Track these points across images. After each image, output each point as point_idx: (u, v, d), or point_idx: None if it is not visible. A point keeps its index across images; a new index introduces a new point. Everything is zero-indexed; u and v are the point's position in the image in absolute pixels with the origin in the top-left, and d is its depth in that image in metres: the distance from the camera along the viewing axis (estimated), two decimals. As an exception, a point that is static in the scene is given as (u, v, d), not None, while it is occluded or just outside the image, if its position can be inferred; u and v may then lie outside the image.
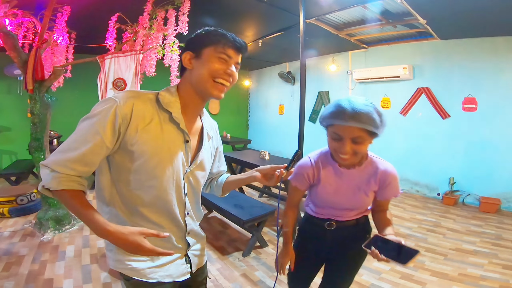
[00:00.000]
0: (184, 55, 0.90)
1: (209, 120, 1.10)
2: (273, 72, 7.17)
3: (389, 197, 1.20)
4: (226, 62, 0.90)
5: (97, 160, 0.82)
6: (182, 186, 0.95)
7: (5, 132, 5.42)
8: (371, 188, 1.17)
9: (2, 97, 5.22)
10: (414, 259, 0.92)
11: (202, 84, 0.89)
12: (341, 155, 1.07)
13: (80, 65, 3.57)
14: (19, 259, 2.43)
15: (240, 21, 3.91)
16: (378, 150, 4.30)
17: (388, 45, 4.83)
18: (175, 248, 0.99)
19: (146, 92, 0.90)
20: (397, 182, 1.18)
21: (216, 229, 3.20)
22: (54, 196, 0.81)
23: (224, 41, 0.88)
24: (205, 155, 1.02)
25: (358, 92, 5.35)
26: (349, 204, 1.21)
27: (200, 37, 0.90)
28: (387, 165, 1.18)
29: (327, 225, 1.25)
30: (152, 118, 0.87)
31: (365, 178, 1.17)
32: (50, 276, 2.19)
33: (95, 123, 0.80)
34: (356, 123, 0.97)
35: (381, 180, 1.16)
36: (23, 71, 2.98)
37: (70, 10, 2.92)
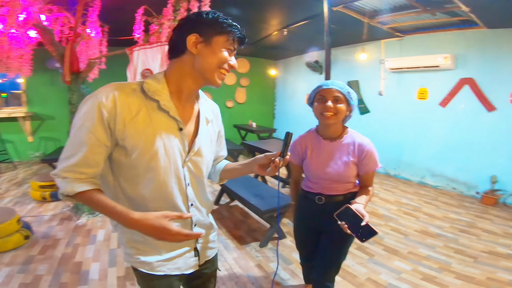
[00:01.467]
0: (190, 38, 0.83)
1: (207, 103, 1.05)
2: (300, 62, 6.99)
3: (368, 170, 1.37)
4: (231, 53, 0.89)
5: (100, 159, 0.82)
6: (182, 176, 0.92)
7: (49, 121, 5.91)
8: (350, 160, 1.36)
9: (45, 89, 5.67)
10: (370, 238, 1.13)
11: (208, 72, 0.86)
12: (325, 113, 1.30)
13: (114, 57, 3.74)
14: (55, 242, 2.63)
15: (264, 9, 3.82)
16: (415, 142, 4.13)
17: (426, 34, 4.47)
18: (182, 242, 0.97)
19: (130, 82, 0.86)
20: (374, 155, 1.36)
21: (237, 218, 3.25)
22: (76, 200, 0.82)
23: (234, 33, 0.86)
24: (203, 140, 0.98)
25: (392, 82, 5.06)
26: (334, 175, 1.37)
27: (210, 22, 0.84)
28: (364, 139, 1.38)
29: (317, 199, 1.44)
30: (139, 109, 0.83)
31: (345, 150, 1.37)
32: (80, 259, 2.35)
33: (84, 124, 0.79)
34: (335, 86, 1.31)
35: (359, 152, 1.35)
36: (61, 64, 3.20)
37: (100, 4, 3.04)
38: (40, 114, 5.83)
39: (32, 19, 2.78)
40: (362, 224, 1.13)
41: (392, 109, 5.11)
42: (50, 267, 2.23)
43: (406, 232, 2.92)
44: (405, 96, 4.87)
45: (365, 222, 1.13)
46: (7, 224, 2.45)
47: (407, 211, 3.53)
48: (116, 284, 2.02)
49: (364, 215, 1.17)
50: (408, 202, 3.84)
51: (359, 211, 1.18)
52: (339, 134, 1.40)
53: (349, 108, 1.35)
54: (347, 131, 1.41)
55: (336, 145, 1.39)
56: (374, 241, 2.72)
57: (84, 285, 2.00)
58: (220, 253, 2.48)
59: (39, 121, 5.87)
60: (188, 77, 0.89)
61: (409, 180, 4.89)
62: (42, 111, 5.83)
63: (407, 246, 2.64)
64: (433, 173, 4.54)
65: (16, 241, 2.49)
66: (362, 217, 1.16)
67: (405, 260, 2.39)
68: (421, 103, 4.68)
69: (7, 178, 4.75)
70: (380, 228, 3.00)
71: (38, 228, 2.88)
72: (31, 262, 2.27)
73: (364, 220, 1.15)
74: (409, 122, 4.86)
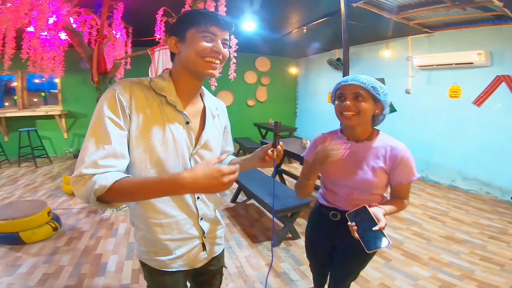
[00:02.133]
0: (169, 41, 0.90)
1: (212, 99, 1.09)
2: (322, 59, 6.83)
3: (402, 180, 1.13)
4: (211, 40, 0.88)
5: (125, 150, 0.81)
6: (189, 168, 0.93)
7: (82, 118, 6.30)
8: (379, 165, 1.13)
9: (79, 88, 6.03)
10: (378, 249, 0.93)
11: (192, 64, 0.88)
12: (345, 113, 1.11)
13: (138, 57, 3.90)
14: (80, 234, 2.78)
15: (283, 7, 3.77)
16: (445, 143, 3.89)
17: (457, 30, 4.19)
18: (189, 235, 0.99)
19: (142, 79, 0.92)
20: (410, 162, 1.12)
21: (252, 216, 3.25)
22: (109, 198, 0.72)
23: (205, 20, 0.86)
24: (210, 134, 1.00)
25: (420, 80, 4.80)
26: (357, 182, 1.15)
27: (181, 21, 0.89)
28: (399, 143, 1.15)
29: (332, 215, 1.24)
30: (152, 103, 0.88)
31: (373, 154, 1.15)
32: (101, 251, 2.47)
33: (105, 114, 0.78)
34: (355, 81, 1.09)
35: (391, 159, 1.12)
36: (89, 65, 3.38)
37: (124, 6, 3.17)
38: (74, 112, 6.23)
39: (61, 21, 2.97)
40: (374, 228, 0.95)
41: (420, 108, 4.85)
42: (73, 258, 2.36)
43: (430, 237, 2.76)
44: (436, 95, 4.60)
45: (377, 227, 0.95)
46: (38, 216, 2.62)
47: (433, 215, 3.33)
48: (130, 277, 2.10)
49: (380, 219, 0.99)
50: (435, 206, 3.62)
51: (376, 214, 1.00)
52: (367, 136, 1.18)
53: (378, 106, 1.12)
54: (378, 133, 1.19)
55: (363, 147, 1.17)
56: (393, 246, 2.60)
57: (101, 277, 2.10)
58: (232, 251, 2.50)
59: (73, 118, 6.28)
60: (182, 75, 0.93)
61: (438, 183, 4.62)
62: (76, 109, 6.22)
63: (429, 251, 2.49)
64: (465, 176, 4.24)
65: (45, 233, 2.65)
66: (377, 222, 0.98)
67: (425, 266, 2.26)
68: (453, 101, 4.39)
69: (43, 172, 5.12)
70: (401, 232, 2.86)
71: (66, 220, 3.07)
72: (56, 253, 2.42)
73: (378, 224, 0.97)
74: (439, 122, 4.58)
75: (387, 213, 1.07)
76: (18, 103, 5.97)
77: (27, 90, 6.13)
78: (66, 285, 1.99)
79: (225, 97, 7.18)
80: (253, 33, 4.65)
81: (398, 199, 1.16)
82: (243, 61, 7.10)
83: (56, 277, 2.09)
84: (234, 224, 3.04)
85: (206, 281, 1.20)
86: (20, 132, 5.38)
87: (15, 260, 2.28)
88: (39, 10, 2.55)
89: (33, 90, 7.15)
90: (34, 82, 6.61)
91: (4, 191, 4.01)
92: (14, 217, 2.51)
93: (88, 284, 2.01)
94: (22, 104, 6.00)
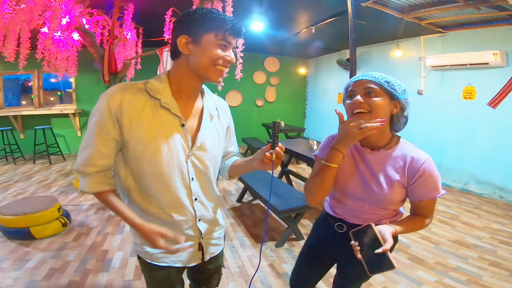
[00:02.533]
0: (179, 40, 0.85)
1: (213, 99, 1.06)
2: (331, 60, 6.78)
3: (423, 196, 0.96)
4: (225, 48, 0.87)
5: (112, 151, 0.89)
6: (185, 170, 0.94)
7: (94, 117, 6.46)
8: (396, 178, 0.97)
9: (93, 87, 6.19)
10: (382, 272, 0.85)
11: (203, 70, 0.87)
12: (355, 111, 0.95)
13: (148, 57, 3.97)
14: (89, 230, 2.84)
15: (291, 7, 3.75)
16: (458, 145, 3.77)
17: (472, 29, 4.07)
18: (186, 236, 1.00)
19: (136, 82, 0.91)
20: (434, 177, 0.95)
21: (257, 216, 3.26)
22: (94, 196, 0.92)
23: (225, 27, 0.84)
24: (206, 136, 0.98)
25: (433, 80, 4.68)
26: (366, 194, 1.01)
27: (197, 20, 0.84)
28: (422, 154, 0.97)
29: (337, 227, 1.12)
30: (144, 106, 0.88)
31: (391, 164, 0.98)
32: (107, 247, 2.52)
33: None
34: (366, 77, 0.96)
35: (410, 171, 0.95)
36: (101, 65, 3.47)
37: (134, 7, 3.23)
38: (87, 111, 6.40)
39: (74, 22, 3.06)
40: (377, 251, 0.84)
41: (433, 109, 4.73)
42: (80, 254, 2.41)
43: (438, 241, 2.69)
44: (449, 96, 4.48)
45: (381, 250, 0.83)
46: (49, 212, 2.70)
47: (443, 219, 3.25)
48: (133, 273, 2.13)
49: (386, 240, 0.86)
50: (445, 210, 3.53)
51: (382, 234, 0.87)
52: (385, 143, 1.01)
53: (396, 105, 0.96)
54: (398, 141, 1.02)
55: (379, 156, 1.01)
56: (398, 249, 2.55)
57: (105, 272, 2.14)
58: (235, 250, 2.51)
59: (86, 117, 6.44)
60: (186, 77, 0.91)
61: (449, 187, 4.49)
62: (89, 108, 6.38)
63: (436, 256, 2.43)
64: (478, 180, 4.11)
65: (55, 228, 2.72)
66: (382, 243, 0.85)
67: (430, 270, 2.21)
68: (467, 103, 4.26)
69: (56, 169, 5.28)
70: (408, 236, 2.80)
71: (76, 216, 3.15)
72: (64, 249, 2.49)
73: (382, 247, 0.84)
74: (452, 123, 4.46)
75: (397, 233, 0.94)
76: (35, 102, 6.18)
77: (44, 89, 6.34)
78: (70, 280, 2.04)
79: (234, 97, 7.21)
80: (262, 33, 4.65)
81: (417, 216, 1.01)
82: (252, 61, 7.15)
83: (62, 272, 2.14)
84: (238, 224, 3.05)
85: (204, 280, 1.20)
86: (35, 130, 5.56)
87: (24, 255, 2.36)
88: (51, 11, 2.63)
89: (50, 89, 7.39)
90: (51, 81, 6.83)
91: (18, 187, 4.16)
92: (26, 213, 2.59)
93: (92, 280, 2.05)
94: (38, 103, 6.20)
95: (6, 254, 2.35)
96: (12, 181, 4.44)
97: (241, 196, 3.71)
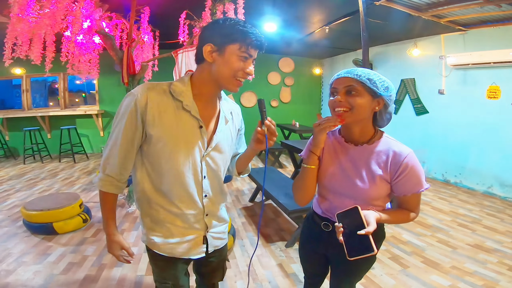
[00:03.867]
0: (205, 47, 0.90)
1: (228, 104, 1.12)
2: (347, 60, 6.66)
3: (406, 191, 0.97)
4: (246, 61, 0.92)
5: (133, 154, 0.97)
6: (199, 169, 1.00)
7: (115, 118, 6.72)
8: (378, 173, 0.98)
9: (113, 89, 6.43)
10: (362, 257, 0.82)
11: (223, 80, 0.93)
12: (336, 109, 0.97)
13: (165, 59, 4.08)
14: (107, 227, 2.98)
15: (303, 7, 3.73)
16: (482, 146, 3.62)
17: (494, 27, 3.89)
18: (193, 229, 1.06)
19: (161, 83, 0.97)
20: (416, 171, 0.95)
21: (268, 216, 3.27)
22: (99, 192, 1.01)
23: (249, 40, 0.89)
24: (221, 137, 1.05)
25: (455, 79, 4.51)
26: (350, 191, 1.02)
27: (223, 31, 0.89)
28: (404, 148, 0.98)
29: (323, 226, 1.13)
30: (167, 107, 0.94)
31: (374, 159, 1.00)
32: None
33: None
34: (349, 74, 0.96)
35: (393, 166, 0.96)
36: (120, 67, 3.61)
37: (150, 11, 3.34)
38: (109, 112, 6.66)
39: (95, 26, 3.20)
40: (359, 232, 0.84)
41: (455, 109, 4.55)
42: (97, 249, 2.52)
43: (455, 245, 2.59)
44: (472, 95, 4.29)
45: (364, 232, 0.83)
46: (71, 208, 2.84)
47: (463, 222, 3.11)
48: (145, 268, 2.21)
49: (370, 224, 0.86)
50: (466, 213, 3.38)
51: (367, 217, 0.88)
52: (367, 138, 1.03)
53: (379, 102, 0.97)
54: (381, 136, 1.04)
55: (362, 151, 1.02)
56: (412, 252, 2.47)
57: (119, 267, 2.23)
58: (245, 249, 2.53)
59: (108, 118, 6.71)
60: (208, 83, 0.97)
61: (472, 190, 4.30)
62: (111, 109, 6.64)
63: (452, 260, 2.34)
64: (503, 183, 3.91)
65: (76, 224, 2.86)
66: (365, 226, 0.86)
67: (445, 275, 2.13)
68: (491, 102, 4.07)
69: (80, 167, 5.54)
70: (424, 239, 2.71)
71: (96, 213, 3.27)
72: (83, 244, 2.60)
73: (365, 229, 0.84)
74: (475, 124, 4.26)
75: (382, 220, 0.94)
76: (61, 103, 6.51)
77: (69, 90, 6.66)
78: (87, 274, 2.14)
79: (248, 98, 7.25)
80: (275, 34, 4.66)
81: (403, 210, 1.03)
82: (266, 62, 7.16)
83: (80, 266, 2.25)
84: (249, 223, 3.08)
85: (209, 273, 1.25)
86: (61, 130, 5.87)
87: (46, 249, 2.49)
88: (73, 15, 2.77)
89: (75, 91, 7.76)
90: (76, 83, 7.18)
91: (44, 184, 4.40)
92: (49, 208, 2.74)
93: (106, 274, 2.14)
94: (64, 104, 6.52)
95: (29, 248, 2.49)
96: (39, 179, 4.71)
97: (254, 196, 3.74)
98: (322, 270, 1.30)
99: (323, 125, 0.97)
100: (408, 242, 2.67)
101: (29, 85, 6.33)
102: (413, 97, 5.19)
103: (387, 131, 1.09)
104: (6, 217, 3.15)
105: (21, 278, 2.06)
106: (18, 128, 6.14)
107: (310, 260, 1.30)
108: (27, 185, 4.33)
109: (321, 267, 1.29)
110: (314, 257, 1.26)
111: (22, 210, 2.77)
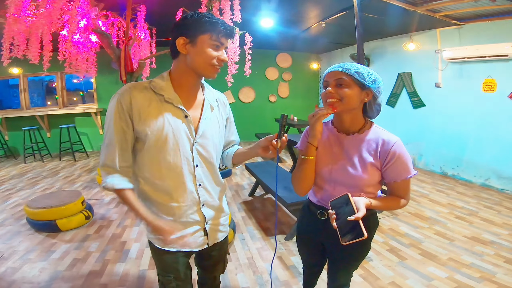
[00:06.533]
0: (178, 41, 0.95)
1: (212, 93, 1.16)
2: (344, 54, 6.68)
3: (396, 178, 1.04)
4: (218, 49, 0.97)
5: (129, 149, 1.01)
6: (190, 157, 1.04)
7: (114, 116, 6.73)
8: (370, 161, 1.05)
9: (112, 87, 6.43)
10: (354, 242, 0.88)
11: (200, 69, 0.98)
12: (328, 100, 1.04)
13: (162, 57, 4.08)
14: (109, 223, 3.00)
15: (299, 3, 3.73)
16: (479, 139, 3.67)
17: (489, 21, 3.91)
18: (192, 221, 1.09)
19: (142, 82, 1.03)
20: (404, 158, 1.03)
21: (268, 210, 3.31)
22: (115, 193, 1.00)
23: (218, 29, 0.94)
24: (207, 125, 1.08)
25: (451, 73, 4.53)
26: (343, 178, 1.08)
27: (194, 23, 0.94)
28: (392, 136, 1.05)
29: (319, 214, 1.18)
30: (150, 102, 0.99)
31: (365, 147, 1.07)
32: (125, 239, 2.66)
33: (113, 118, 0.96)
34: (338, 68, 1.02)
35: (382, 153, 1.03)
36: (118, 65, 3.61)
37: (146, 8, 3.34)
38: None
39: (91, 25, 3.20)
40: (349, 218, 0.90)
41: (451, 102, 4.58)
42: (100, 245, 2.56)
43: (453, 237, 2.63)
44: (468, 88, 4.32)
45: (353, 217, 0.89)
46: (73, 205, 2.87)
47: (460, 215, 3.16)
48: (148, 263, 2.25)
49: (359, 209, 0.92)
50: (464, 206, 3.43)
51: (357, 204, 0.94)
52: (358, 128, 1.09)
53: (368, 94, 1.03)
54: (370, 126, 1.10)
55: (353, 140, 1.08)
56: (410, 244, 2.52)
57: (122, 262, 2.27)
58: (245, 242, 2.58)
59: (106, 116, 6.71)
60: (186, 74, 1.02)
61: (470, 182, 4.34)
62: (109, 107, 6.64)
63: (449, 252, 2.39)
64: (500, 175, 3.95)
65: (79, 221, 2.89)
66: (355, 212, 0.91)
67: (442, 266, 2.17)
68: (487, 95, 4.10)
69: (80, 165, 5.56)
70: (421, 231, 2.76)
71: (98, 210, 3.33)
72: (86, 240, 2.65)
73: (354, 214, 0.90)
74: (472, 117, 4.30)
75: (372, 207, 1.00)
76: (59, 102, 6.51)
77: (67, 89, 6.66)
78: (91, 270, 2.18)
79: (247, 93, 7.26)
80: (272, 29, 4.66)
81: (393, 197, 1.09)
82: (264, 58, 7.16)
83: (84, 262, 2.29)
84: (249, 217, 3.12)
85: (210, 266, 1.29)
86: (61, 129, 5.88)
87: (50, 246, 2.53)
88: (69, 15, 2.78)
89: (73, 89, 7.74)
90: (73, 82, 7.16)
91: (45, 183, 4.43)
92: (52, 206, 2.78)
93: (110, 269, 2.19)
94: (62, 103, 6.52)
95: (34, 246, 2.53)
96: (40, 177, 4.74)
97: (253, 190, 3.78)
98: (320, 259, 1.34)
99: (317, 114, 1.02)
100: (405, 235, 2.72)
101: (26, 84, 6.32)
102: (410, 90, 5.21)
103: (385, 124, 1.15)
104: (10, 215, 3.19)
105: (27, 275, 2.10)
106: (18, 128, 6.15)
107: (308, 249, 1.35)
108: (28, 184, 4.37)
109: (319, 256, 1.33)
110: (311, 246, 1.31)
111: (25, 208, 2.81)
